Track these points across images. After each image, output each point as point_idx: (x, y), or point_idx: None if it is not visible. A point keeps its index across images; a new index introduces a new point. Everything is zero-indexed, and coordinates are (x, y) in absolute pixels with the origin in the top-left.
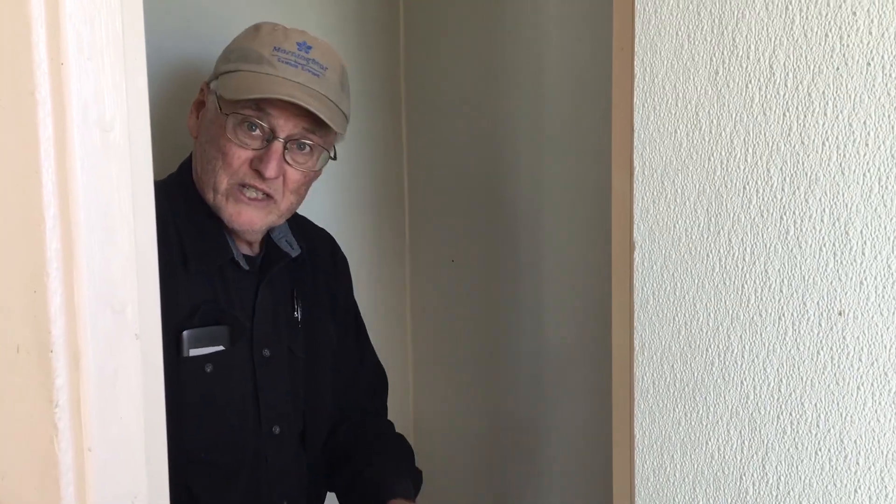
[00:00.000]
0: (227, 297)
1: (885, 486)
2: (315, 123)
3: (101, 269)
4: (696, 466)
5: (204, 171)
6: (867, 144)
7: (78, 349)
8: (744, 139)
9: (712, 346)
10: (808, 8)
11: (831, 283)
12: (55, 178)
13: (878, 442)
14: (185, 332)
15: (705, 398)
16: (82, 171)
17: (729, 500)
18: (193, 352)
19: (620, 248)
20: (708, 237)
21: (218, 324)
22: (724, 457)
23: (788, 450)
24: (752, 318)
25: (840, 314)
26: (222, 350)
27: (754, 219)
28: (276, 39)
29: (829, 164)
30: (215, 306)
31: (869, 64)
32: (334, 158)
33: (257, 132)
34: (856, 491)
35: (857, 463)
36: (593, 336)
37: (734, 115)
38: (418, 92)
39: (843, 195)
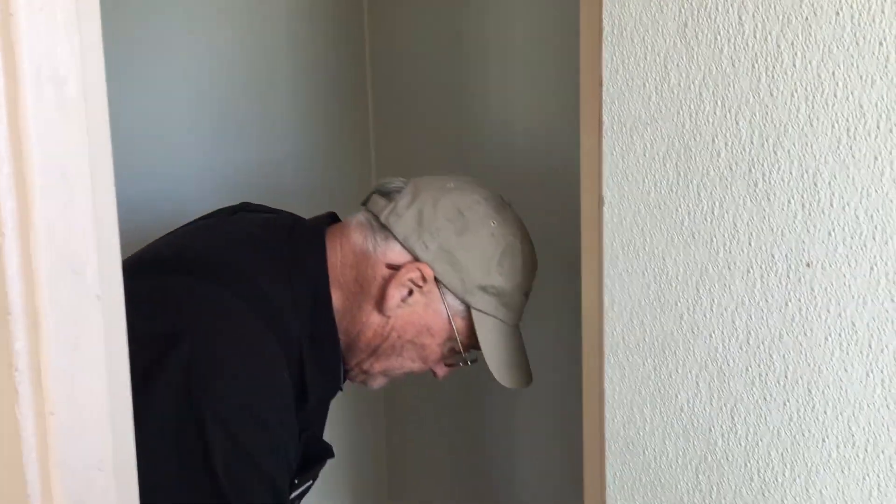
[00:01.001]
0: (318, 422)
1: (853, 435)
2: None
3: (59, 229)
4: (665, 419)
5: (373, 352)
6: (836, 95)
7: (37, 312)
8: (713, 92)
9: (682, 301)
10: None
11: (799, 234)
12: (8, 135)
13: (846, 392)
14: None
15: (675, 352)
16: (36, 128)
17: (698, 452)
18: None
19: (590, 204)
20: (677, 191)
21: (319, 460)
22: (693, 409)
23: (757, 401)
24: (721, 271)
25: (808, 266)
26: (311, 484)
27: (723, 172)
28: (527, 279)
29: (797, 116)
30: (313, 436)
31: (838, 13)
32: None
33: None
34: (823, 440)
35: (825, 413)
36: (564, 293)
37: (703, 68)
38: (382, 27)
39: (811, 146)
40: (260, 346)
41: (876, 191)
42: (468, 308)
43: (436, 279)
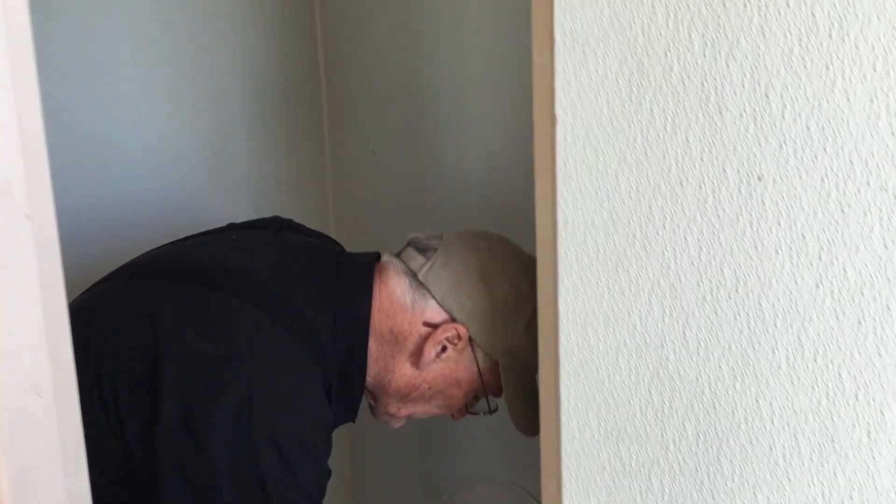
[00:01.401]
0: None
1: (802, 346)
2: None
3: None
4: (618, 338)
5: (402, 398)
6: (788, 4)
7: None
8: (665, 4)
9: (634, 219)
10: None
11: (751, 148)
12: None
13: (796, 304)
14: None
15: (627, 271)
16: None
17: (651, 369)
18: None
19: (542, 124)
20: (630, 108)
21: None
22: (645, 327)
23: (708, 316)
24: (674, 187)
25: (759, 179)
26: None
27: (675, 87)
28: None
29: (750, 27)
30: None
31: None
32: None
33: None
34: (773, 352)
35: (775, 325)
36: (518, 218)
37: None
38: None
39: (763, 58)
40: (311, 383)
41: (828, 101)
42: (497, 364)
43: (469, 338)
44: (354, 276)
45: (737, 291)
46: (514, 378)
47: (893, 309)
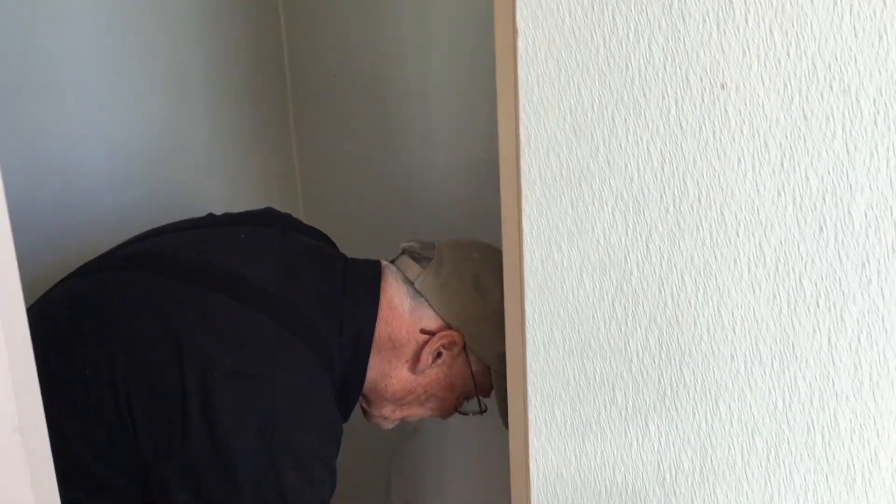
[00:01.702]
0: None
1: (764, 255)
2: None
3: None
4: (582, 253)
5: (398, 402)
6: None
7: None
8: None
9: (597, 132)
10: None
11: (714, 55)
12: None
13: (758, 212)
14: None
15: (591, 185)
16: None
17: (614, 283)
18: None
19: (503, 36)
20: (592, 17)
21: None
22: (609, 241)
23: (671, 228)
24: (637, 98)
25: (723, 87)
26: None
27: None
28: None
29: None
30: None
31: None
32: None
33: None
34: (735, 262)
35: (737, 235)
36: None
37: None
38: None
39: None
40: (327, 396)
41: (791, 4)
42: (489, 368)
43: (464, 344)
44: (361, 286)
45: (699, 202)
46: (505, 380)
47: (855, 215)
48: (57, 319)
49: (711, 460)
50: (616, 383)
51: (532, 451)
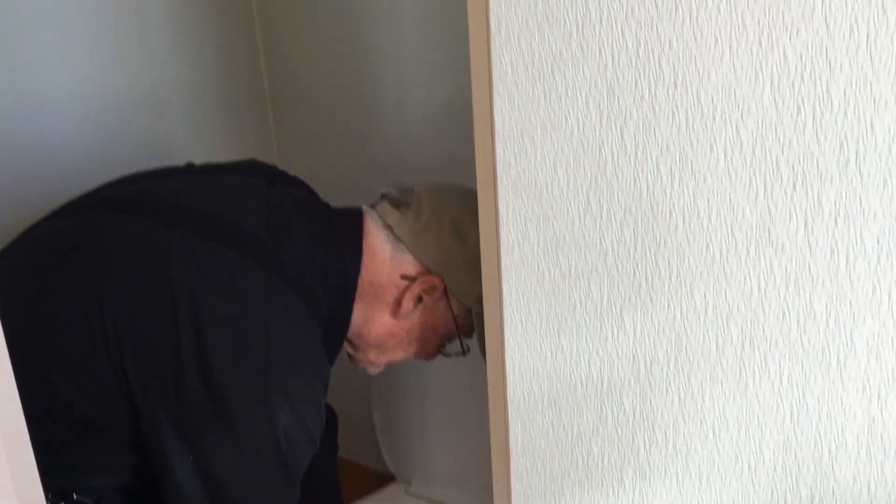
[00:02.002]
0: None
1: (741, 139)
2: None
3: None
4: (556, 146)
5: (381, 347)
6: None
7: None
8: None
9: (570, 16)
10: None
11: None
12: None
13: (734, 94)
14: None
15: (564, 74)
16: None
17: (589, 175)
18: None
19: None
20: None
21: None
22: (583, 132)
23: (646, 115)
24: None
25: None
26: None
27: None
28: None
29: None
30: None
31: None
32: None
33: None
34: (711, 147)
35: (714, 119)
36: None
37: None
38: None
39: None
40: (315, 340)
41: None
42: (470, 311)
43: (444, 288)
44: (344, 234)
45: (675, 87)
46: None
47: (833, 93)
48: (42, 261)
49: (686, 350)
50: (591, 277)
51: (508, 349)
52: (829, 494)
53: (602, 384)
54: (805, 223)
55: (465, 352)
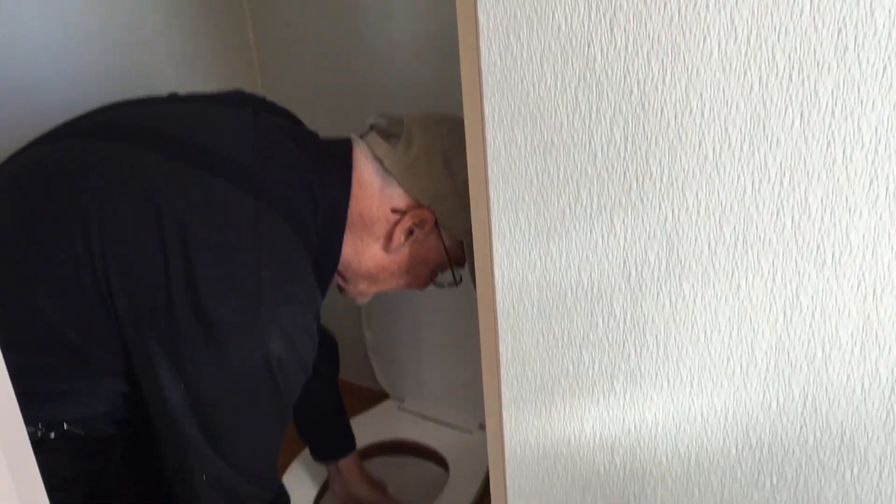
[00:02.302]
0: None
1: (735, 27)
2: None
3: None
4: (543, 42)
5: (372, 279)
6: None
7: None
8: None
9: None
10: None
11: None
12: None
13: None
14: None
15: None
16: None
17: (577, 73)
18: None
19: None
20: None
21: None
22: (571, 27)
23: (636, 6)
24: None
25: None
26: None
27: None
28: None
29: None
30: None
31: None
32: None
33: None
34: (705, 38)
35: (707, 8)
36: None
37: None
38: None
39: None
40: (307, 269)
41: None
42: (462, 243)
43: (435, 221)
44: (333, 165)
45: None
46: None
47: None
48: (24, 189)
49: (678, 252)
50: (580, 180)
51: (496, 258)
52: (822, 394)
53: (592, 290)
54: (801, 115)
55: (457, 282)
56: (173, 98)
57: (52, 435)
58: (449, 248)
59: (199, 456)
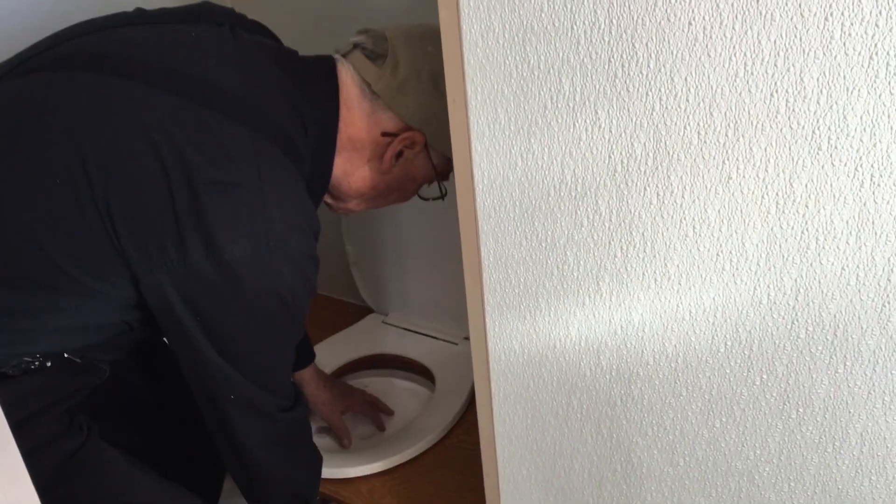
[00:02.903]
0: None
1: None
2: None
3: None
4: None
5: (361, 197)
6: None
7: None
8: None
9: None
10: None
11: None
12: None
13: None
14: None
15: None
16: None
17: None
18: None
19: None
20: None
21: None
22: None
23: None
24: None
25: None
26: None
27: None
28: None
29: None
30: None
31: None
32: None
33: None
34: None
35: None
36: None
37: None
38: None
39: None
40: (306, 195)
41: None
42: (449, 159)
43: (425, 142)
44: (319, 86)
45: None
46: None
47: None
48: (11, 125)
49: (665, 143)
50: (562, 70)
51: (475, 157)
52: (816, 286)
53: (576, 188)
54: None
55: (443, 196)
56: (144, 17)
57: (49, 364)
58: (437, 165)
59: (225, 378)
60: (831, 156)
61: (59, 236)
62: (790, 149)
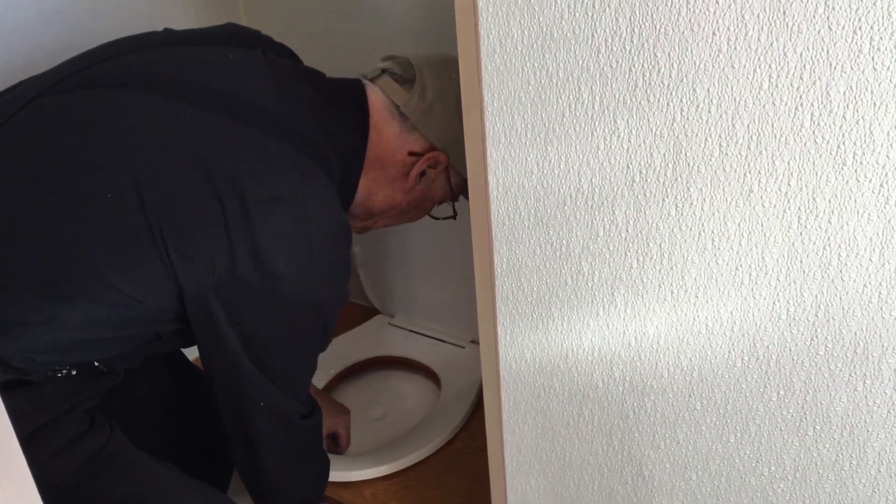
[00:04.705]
0: None
1: None
2: None
3: None
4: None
5: (382, 215)
6: None
7: None
8: None
9: None
10: None
11: None
12: None
13: None
14: None
15: None
16: None
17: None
18: None
19: None
20: None
21: None
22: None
23: None
24: None
25: None
26: None
27: None
28: None
29: None
30: None
31: None
32: None
33: None
34: None
35: None
36: None
37: None
38: None
39: None
40: (341, 209)
41: None
42: (465, 180)
43: (447, 163)
44: (349, 107)
45: None
46: None
47: None
48: (60, 142)
49: (686, 155)
50: (582, 78)
51: (490, 163)
52: (837, 303)
53: (593, 197)
54: (824, 1)
55: (454, 216)
56: (175, 39)
57: (75, 372)
58: (455, 185)
59: (255, 387)
60: (856, 171)
61: (107, 250)
62: (814, 163)
